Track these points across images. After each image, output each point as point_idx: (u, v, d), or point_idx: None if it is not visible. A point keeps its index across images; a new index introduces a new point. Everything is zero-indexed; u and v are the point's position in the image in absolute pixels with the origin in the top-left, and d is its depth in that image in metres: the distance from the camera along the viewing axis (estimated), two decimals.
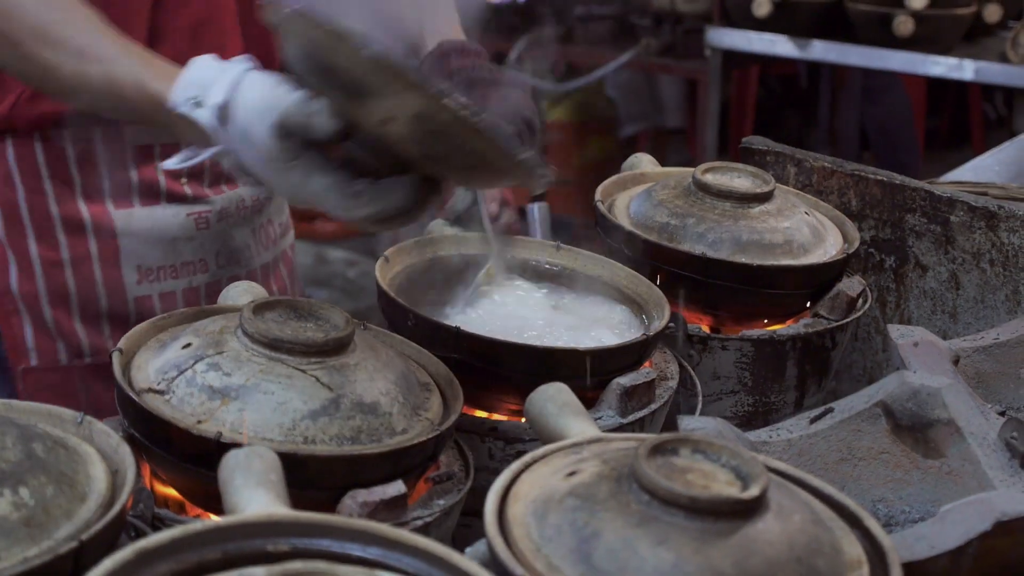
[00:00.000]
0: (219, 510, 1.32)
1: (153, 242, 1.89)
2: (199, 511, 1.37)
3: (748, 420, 1.82)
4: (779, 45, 5.09)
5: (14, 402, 1.29)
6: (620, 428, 1.54)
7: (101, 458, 1.23)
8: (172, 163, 1.56)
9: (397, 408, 1.38)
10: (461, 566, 1.04)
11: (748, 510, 1.12)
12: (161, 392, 1.34)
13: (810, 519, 1.16)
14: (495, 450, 1.52)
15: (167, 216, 1.90)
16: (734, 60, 5.56)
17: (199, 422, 1.31)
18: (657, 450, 1.17)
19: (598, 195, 1.93)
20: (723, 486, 1.14)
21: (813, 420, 1.54)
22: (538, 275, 1.79)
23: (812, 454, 1.53)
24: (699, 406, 1.70)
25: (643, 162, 2.09)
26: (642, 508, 1.12)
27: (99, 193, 1.86)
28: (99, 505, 1.17)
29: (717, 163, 1.93)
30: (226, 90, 1.48)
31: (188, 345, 1.38)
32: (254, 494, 1.11)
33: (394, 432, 1.36)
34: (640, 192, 1.95)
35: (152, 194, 1.89)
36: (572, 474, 1.19)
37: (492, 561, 1.12)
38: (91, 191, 1.86)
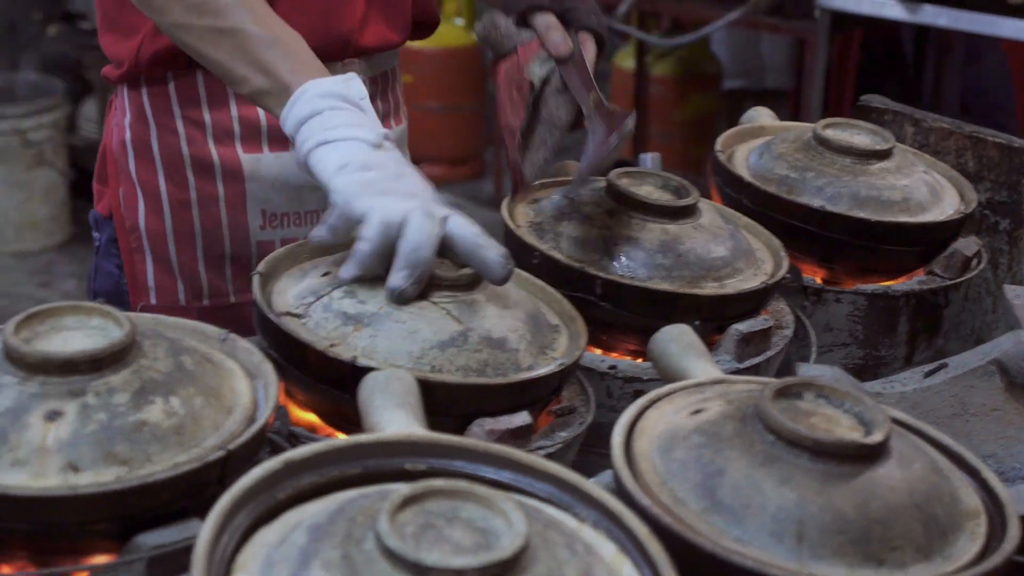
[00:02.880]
0: (349, 431, 1.36)
1: (279, 188, 1.90)
2: (330, 431, 1.42)
3: (857, 373, 1.83)
4: (888, 8, 5.03)
5: (162, 317, 1.34)
6: (735, 373, 1.56)
7: (245, 373, 1.28)
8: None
9: (524, 346, 1.41)
10: (592, 493, 1.08)
11: (871, 455, 1.14)
12: (298, 316, 1.39)
13: (930, 468, 1.18)
14: (614, 388, 1.55)
15: (294, 162, 1.88)
16: (843, 21, 5.50)
17: (332, 346, 1.36)
18: (782, 393, 1.19)
19: (718, 146, 1.95)
20: (846, 431, 1.17)
21: (927, 374, 1.56)
22: None
23: (924, 407, 1.55)
24: (813, 356, 1.72)
25: (762, 115, 2.10)
26: (767, 448, 1.15)
27: (229, 136, 1.87)
28: (244, 418, 1.22)
29: (838, 119, 1.93)
30: None
31: (327, 274, 1.43)
32: (394, 415, 1.15)
33: (520, 368, 1.40)
34: (759, 144, 1.96)
35: (280, 139, 1.87)
36: (697, 412, 1.22)
37: (618, 492, 1.15)
38: (221, 134, 1.87)
